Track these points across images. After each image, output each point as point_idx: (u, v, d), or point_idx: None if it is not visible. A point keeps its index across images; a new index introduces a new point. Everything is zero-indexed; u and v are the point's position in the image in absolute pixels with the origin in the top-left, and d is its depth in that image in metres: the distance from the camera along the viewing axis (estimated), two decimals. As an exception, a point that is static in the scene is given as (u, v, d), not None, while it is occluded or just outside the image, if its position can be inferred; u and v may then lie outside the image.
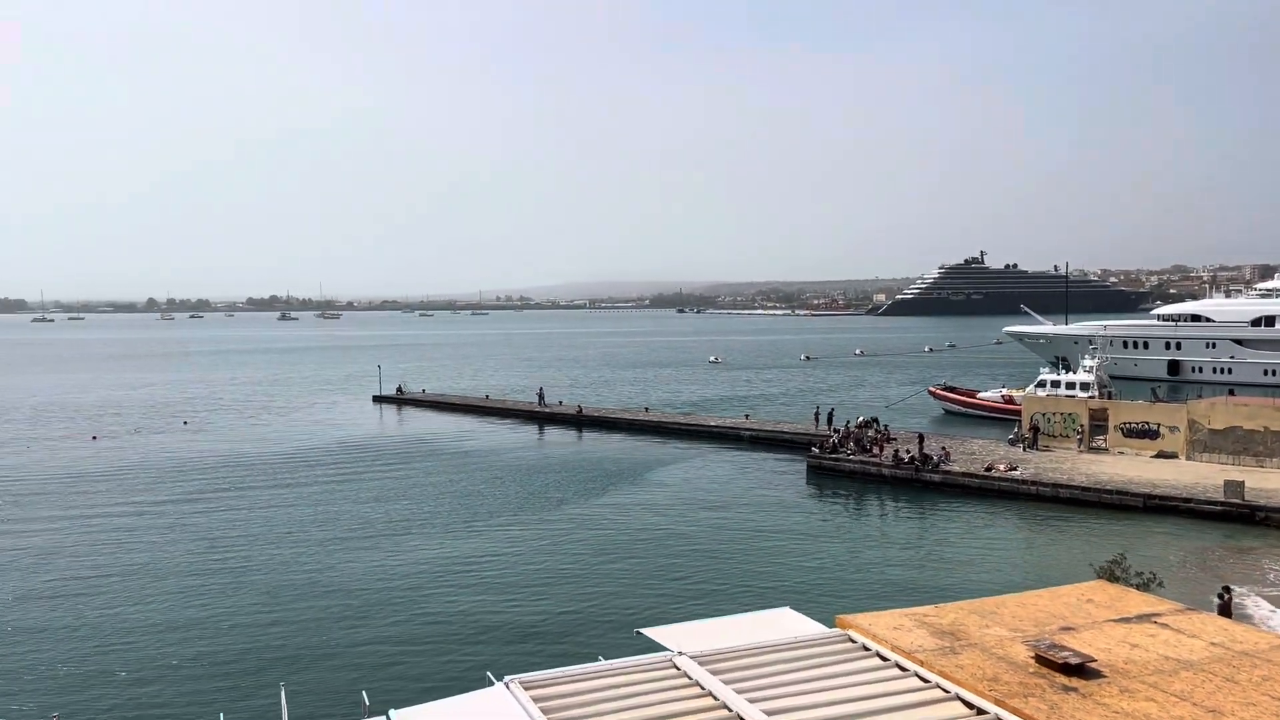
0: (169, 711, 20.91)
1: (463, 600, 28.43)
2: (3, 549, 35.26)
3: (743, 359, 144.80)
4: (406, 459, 55.11)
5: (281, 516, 40.13)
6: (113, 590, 29.91)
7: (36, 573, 32.10)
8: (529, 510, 40.90)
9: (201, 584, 30.38)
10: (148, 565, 32.78)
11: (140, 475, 50.54)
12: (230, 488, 46.80)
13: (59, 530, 38.22)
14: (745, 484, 46.68)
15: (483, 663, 21.92)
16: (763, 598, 27.75)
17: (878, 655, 11.04)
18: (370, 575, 31.19)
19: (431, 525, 38.22)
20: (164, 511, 41.45)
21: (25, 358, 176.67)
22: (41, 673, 23.28)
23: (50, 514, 41.41)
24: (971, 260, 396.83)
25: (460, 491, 45.10)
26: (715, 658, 10.98)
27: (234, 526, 38.37)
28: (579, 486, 46.02)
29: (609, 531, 36.87)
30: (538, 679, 10.72)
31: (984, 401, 70.43)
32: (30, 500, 44.49)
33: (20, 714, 20.76)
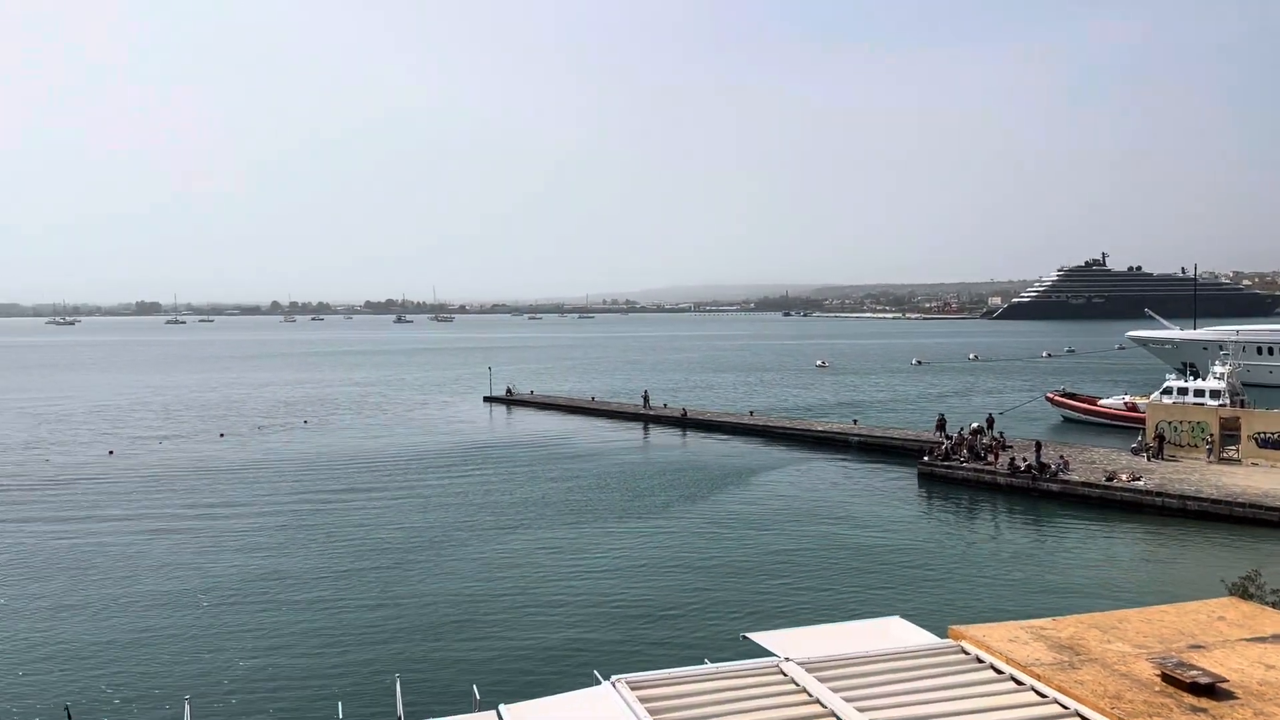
0: (289, 700, 21.76)
1: (569, 599, 28.78)
2: (134, 540, 37.25)
3: (850, 363, 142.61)
4: (515, 459, 56.09)
5: (395, 513, 41.32)
6: (235, 582, 31.28)
7: (163, 564, 33.81)
8: (634, 512, 41.13)
9: (319, 577, 31.52)
10: (268, 558, 34.18)
11: (262, 471, 52.72)
12: (347, 484, 48.42)
13: (186, 523, 40.17)
14: (853, 490, 45.96)
15: (589, 661, 22.14)
16: (870, 606, 27.28)
17: (992, 668, 10.74)
18: (479, 572, 31.86)
19: (538, 524, 38.80)
20: (284, 507, 43.15)
21: (158, 357, 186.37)
22: (169, 659, 24.51)
23: (179, 507, 43.55)
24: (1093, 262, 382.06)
25: (566, 491, 45.65)
26: (823, 664, 10.85)
27: (350, 522, 39.69)
28: (683, 489, 46.06)
29: (713, 535, 36.80)
30: (644, 679, 10.78)
31: (1105, 409, 67.76)
32: (162, 493, 46.89)
33: (149, 698, 21.89)
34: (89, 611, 28.29)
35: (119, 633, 26.40)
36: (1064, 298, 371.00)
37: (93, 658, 24.52)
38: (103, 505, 43.87)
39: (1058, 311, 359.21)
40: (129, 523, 40.11)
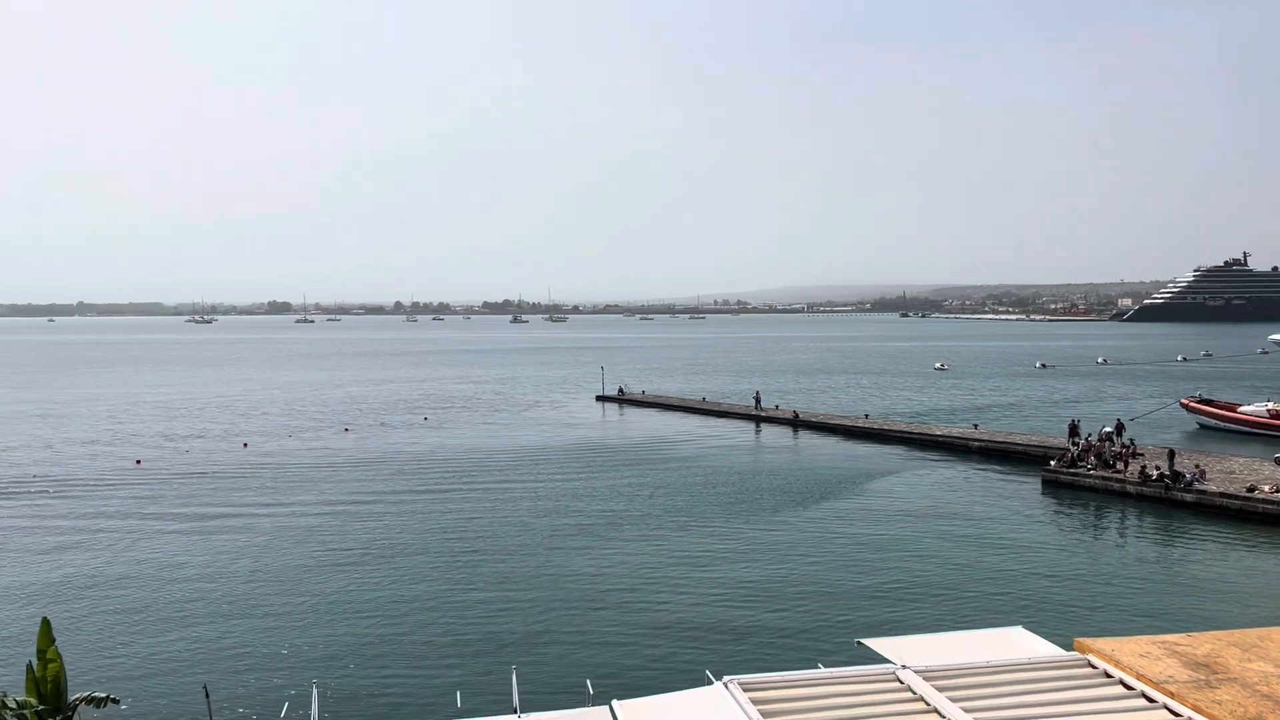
0: (410, 686, 22.47)
1: (680, 598, 28.86)
2: (264, 530, 38.99)
3: (970, 366, 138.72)
4: (625, 458, 56.52)
5: (508, 508, 42.16)
6: (357, 573, 32.44)
7: (291, 554, 35.29)
8: (744, 513, 40.95)
9: (438, 570, 32.42)
10: (389, 551, 35.32)
11: (384, 466, 54.49)
12: (463, 480, 49.63)
13: (313, 515, 41.84)
14: (972, 496, 44.72)
15: (700, 661, 22.17)
16: (990, 615, 26.54)
17: (1121, 684, 10.33)
18: (592, 568, 32.24)
19: (649, 522, 39.01)
20: (404, 501, 44.51)
21: (288, 354, 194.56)
22: (296, 645, 25.59)
23: (307, 500, 45.39)
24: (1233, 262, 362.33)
25: (677, 490, 45.77)
26: (942, 674, 10.63)
27: (466, 517, 40.67)
28: (795, 492, 45.62)
29: (825, 538, 36.34)
30: (757, 681, 10.75)
31: (1246, 416, 64.14)
32: (291, 486, 48.96)
33: (279, 681, 22.89)
34: (223, 597, 29.78)
35: (251, 618, 27.70)
36: (1201, 299, 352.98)
37: (227, 641, 25.80)
38: (236, 496, 46.09)
39: (1194, 314, 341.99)
40: (261, 513, 42.03)
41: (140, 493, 46.88)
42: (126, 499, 45.42)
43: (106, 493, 47.09)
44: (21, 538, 37.87)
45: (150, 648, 25.41)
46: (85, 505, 44.22)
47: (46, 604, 28.19)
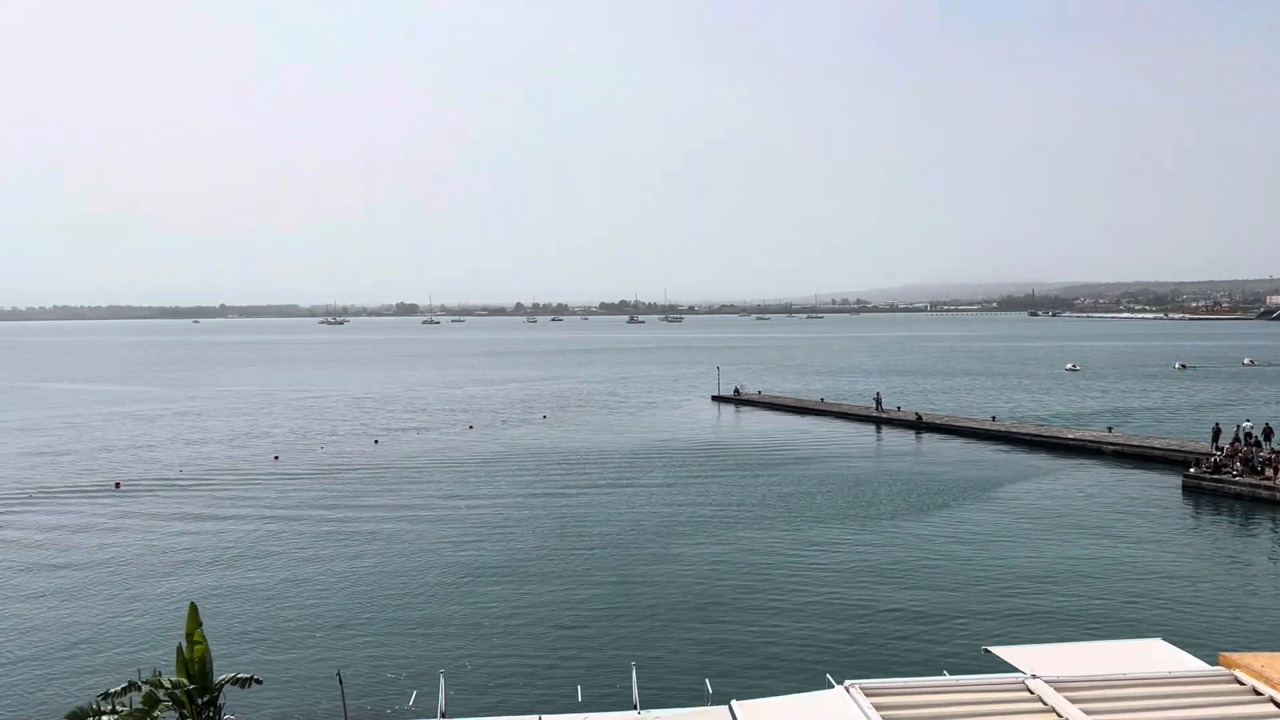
0: (532, 679, 22.94)
1: (798, 600, 28.60)
2: (394, 525, 40.36)
3: (1104, 367, 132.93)
4: (741, 458, 56.29)
5: (626, 507, 42.53)
6: (481, 567, 33.26)
7: (418, 548, 36.42)
8: (864, 516, 40.28)
9: (559, 566, 32.98)
10: (511, 545, 36.10)
11: (505, 464, 55.68)
12: (581, 478, 50.29)
13: (440, 510, 43.08)
14: (1106, 502, 42.87)
15: (820, 664, 21.97)
16: (1126, 626, 25.42)
17: (1272, 701, 9.79)
18: (708, 568, 32.24)
19: (764, 524, 38.77)
20: (525, 498, 45.40)
21: (414, 354, 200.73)
22: (424, 635, 26.43)
23: (434, 495, 46.77)
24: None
25: (793, 493, 45.33)
26: (1076, 685, 10.26)
27: (585, 514, 41.21)
28: (917, 495, 44.60)
29: (950, 543, 35.42)
30: (880, 686, 10.60)
31: None
32: (420, 482, 50.52)
33: (408, 669, 23.68)
34: (355, 588, 30.99)
35: (381, 609, 28.75)
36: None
37: (358, 630, 26.85)
38: (367, 492, 47.85)
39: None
40: (390, 508, 43.55)
41: (279, 487, 49.16)
42: (267, 493, 47.70)
43: (248, 487, 49.56)
44: (170, 529, 40.23)
45: (288, 634, 26.65)
46: (229, 498, 46.65)
47: (194, 590, 29.85)
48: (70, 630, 27.31)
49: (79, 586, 31.68)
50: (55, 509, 44.46)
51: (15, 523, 41.60)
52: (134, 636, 26.74)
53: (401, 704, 19.47)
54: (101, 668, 24.17)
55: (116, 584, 31.92)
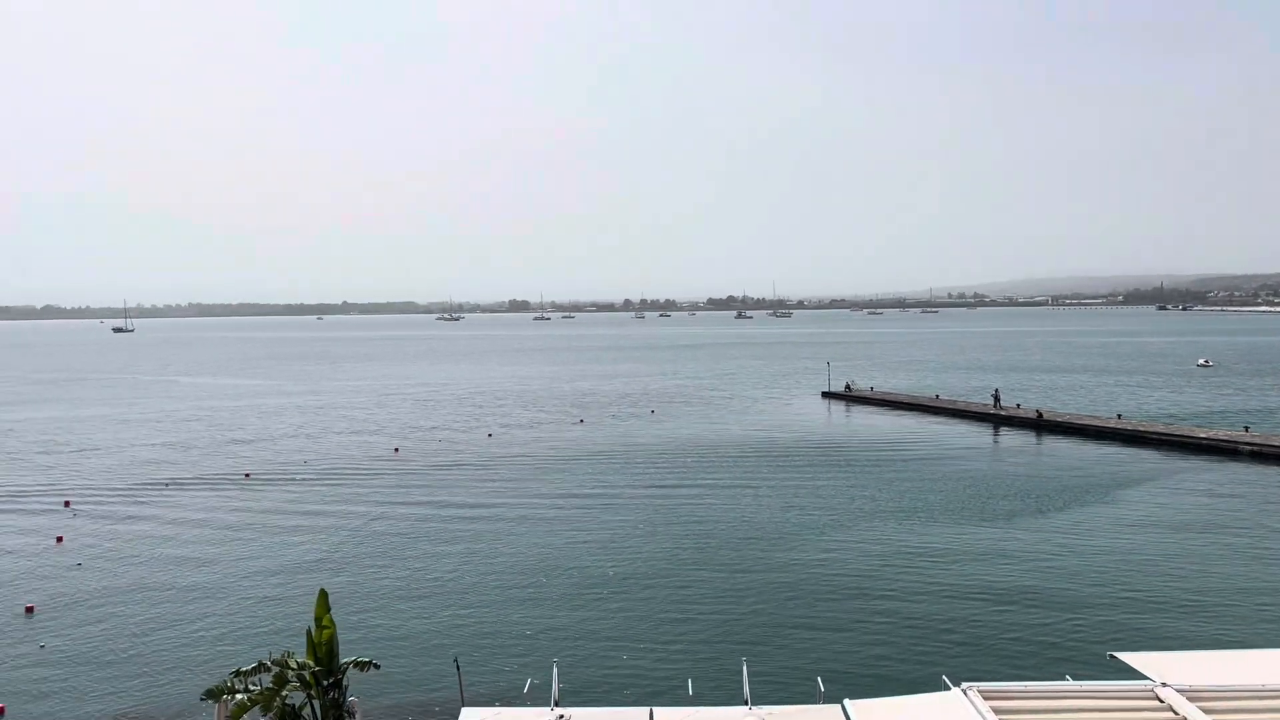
0: (643, 671, 23.17)
1: (912, 600, 28.09)
2: (506, 518, 41.21)
3: (1239, 363, 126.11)
4: (852, 456, 55.47)
5: (738, 503, 42.42)
6: (593, 561, 33.71)
7: (533, 541, 37.09)
8: (981, 516, 39.23)
9: (669, 559, 33.17)
10: (623, 539, 36.45)
11: (614, 459, 56.18)
12: (690, 474, 50.39)
13: (552, 504, 43.79)
14: (1242, 504, 40.73)
15: (936, 665, 21.56)
16: (1265, 634, 24.15)
17: None
18: (820, 565, 31.95)
19: (877, 522, 38.15)
20: (635, 492, 45.75)
21: (522, 350, 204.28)
22: (539, 626, 26.95)
23: (545, 489, 47.55)
24: None
25: (908, 491, 44.46)
26: (1210, 694, 9.84)
27: (697, 509, 41.30)
28: (1037, 496, 43.20)
29: (1071, 545, 34.20)
30: (1000, 690, 10.38)
31: None
32: (531, 475, 51.43)
33: (524, 658, 24.18)
34: (471, 578, 31.81)
35: (497, 599, 29.45)
36: None
37: (475, 619, 27.57)
38: (484, 484, 48.99)
39: None
40: (505, 500, 44.50)
41: (399, 479, 50.77)
42: (387, 485, 49.33)
43: (370, 478, 51.33)
44: (297, 517, 42.01)
45: (408, 620, 27.55)
46: (352, 489, 48.42)
47: (321, 577, 31.10)
48: (206, 611, 28.83)
49: (214, 571, 33.40)
50: (190, 497, 46.92)
51: (153, 510, 44.07)
52: (264, 619, 28.05)
53: (516, 691, 19.90)
54: (234, 647, 25.45)
55: (248, 569, 33.53)
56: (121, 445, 65.61)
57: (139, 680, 23.74)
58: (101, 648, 25.96)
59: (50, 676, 23.99)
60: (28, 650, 25.82)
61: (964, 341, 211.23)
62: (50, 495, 47.47)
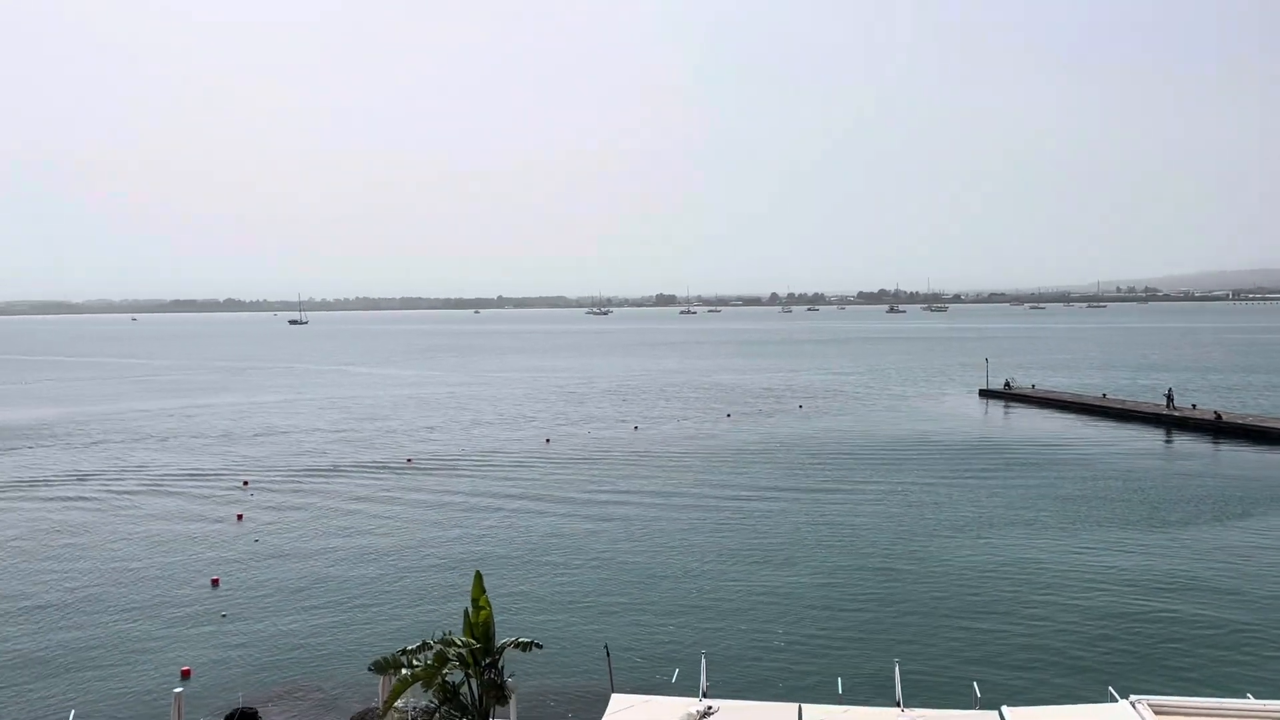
0: (795, 666, 23.07)
1: (1073, 607, 26.88)
2: (653, 510, 41.64)
3: None
4: (1011, 458, 53.39)
5: (890, 502, 41.57)
6: (741, 555, 33.70)
7: (680, 534, 37.35)
8: (1148, 523, 37.12)
9: (819, 557, 32.85)
10: (771, 535, 36.29)
11: (763, 454, 55.90)
12: (839, 472, 49.62)
13: (697, 498, 43.98)
14: None
15: (1100, 676, 20.60)
16: None
17: None
18: (976, 568, 30.97)
19: (1034, 528, 36.64)
20: (783, 488, 45.44)
21: (668, 343, 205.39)
22: (686, 618, 27.18)
23: (692, 483, 47.78)
24: None
25: (1071, 496, 42.49)
26: None
27: (847, 507, 40.70)
28: (1213, 503, 40.53)
29: (1251, 556, 31.94)
30: (1174, 705, 9.88)
31: None
32: (677, 469, 51.76)
33: (669, 648, 24.45)
34: (622, 568, 32.40)
35: (647, 589, 29.90)
36: None
37: (626, 607, 28.07)
38: (631, 476, 49.65)
39: None
40: (652, 494, 45.01)
41: (550, 469, 52.06)
42: (539, 474, 50.66)
43: (523, 468, 52.84)
44: (456, 502, 43.69)
45: (559, 605, 28.29)
46: (506, 477, 49.97)
47: (477, 559, 32.26)
48: (370, 589, 30.39)
49: (378, 551, 35.15)
50: (357, 481, 49.44)
51: (322, 492, 46.67)
52: (423, 598, 29.35)
53: (665, 680, 20.14)
54: (396, 623, 26.74)
55: (409, 550, 35.13)
56: (294, 430, 69.72)
57: (310, 651, 25.26)
58: (277, 620, 27.73)
59: (231, 644, 25.81)
60: (212, 619, 27.85)
61: (1134, 338, 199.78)
62: (231, 476, 50.93)
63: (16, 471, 53.31)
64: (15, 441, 65.47)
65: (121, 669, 24.06)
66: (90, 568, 33.35)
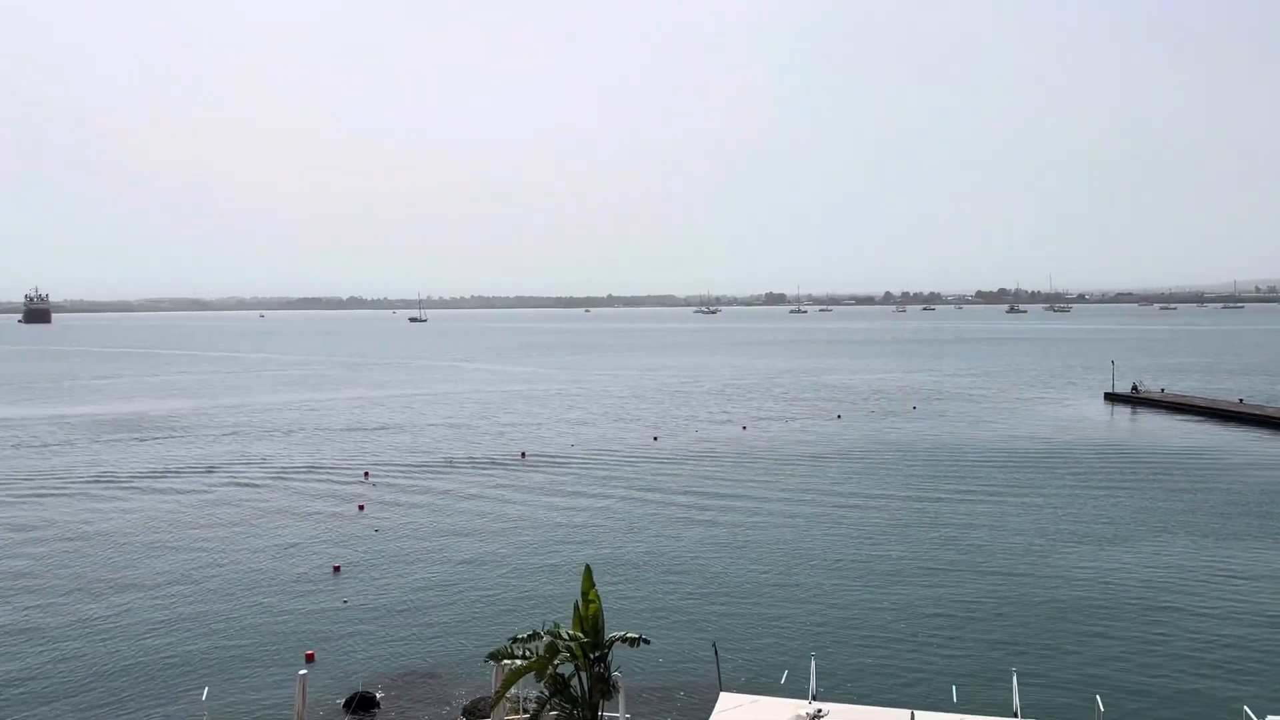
0: (904, 675, 22.62)
1: (1207, 624, 25.58)
2: (763, 511, 41.35)
3: None
4: (1139, 465, 51.08)
5: (1007, 508, 40.33)
6: (852, 559, 33.23)
7: (789, 536, 37.05)
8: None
9: (930, 564, 32.14)
10: (882, 540, 35.66)
11: (874, 456, 54.93)
12: (953, 476, 48.38)
13: (806, 500, 43.52)
14: None
15: (1233, 695, 19.58)
16: None
17: None
18: (1098, 580, 29.78)
19: (1164, 538, 35.00)
20: (895, 492, 44.58)
21: (777, 342, 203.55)
22: (793, 620, 26.94)
23: (800, 485, 47.33)
24: None
25: (1202, 506, 40.42)
26: None
27: (962, 513, 39.68)
28: (1366, 516, 37.95)
29: None
30: (1317, 726, 9.32)
31: None
32: (787, 470, 51.29)
33: (781, 642, 24.26)
34: (728, 567, 32.36)
35: (754, 588, 29.80)
36: None
37: (734, 607, 28.02)
38: (739, 476, 49.48)
39: None
40: (761, 494, 44.78)
41: (658, 467, 52.29)
42: (647, 471, 50.96)
43: (631, 464, 53.23)
44: (566, 496, 44.32)
45: (666, 602, 28.40)
46: (616, 473, 50.44)
47: (587, 553, 32.64)
48: (483, 579, 31.11)
49: (490, 542, 35.94)
50: (472, 474, 50.65)
51: (439, 484, 47.96)
52: (534, 589, 29.89)
53: (773, 680, 20.02)
54: (507, 613, 27.28)
55: (520, 542, 35.83)
56: (411, 424, 71.84)
57: (425, 638, 26.02)
58: (394, 606, 28.65)
59: (351, 630, 26.78)
60: (333, 604, 28.95)
61: (1274, 340, 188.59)
62: (352, 468, 52.80)
63: (151, 461, 56.43)
64: (152, 432, 69.29)
65: (250, 650, 25.23)
66: (220, 554, 35.08)
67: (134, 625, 27.24)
